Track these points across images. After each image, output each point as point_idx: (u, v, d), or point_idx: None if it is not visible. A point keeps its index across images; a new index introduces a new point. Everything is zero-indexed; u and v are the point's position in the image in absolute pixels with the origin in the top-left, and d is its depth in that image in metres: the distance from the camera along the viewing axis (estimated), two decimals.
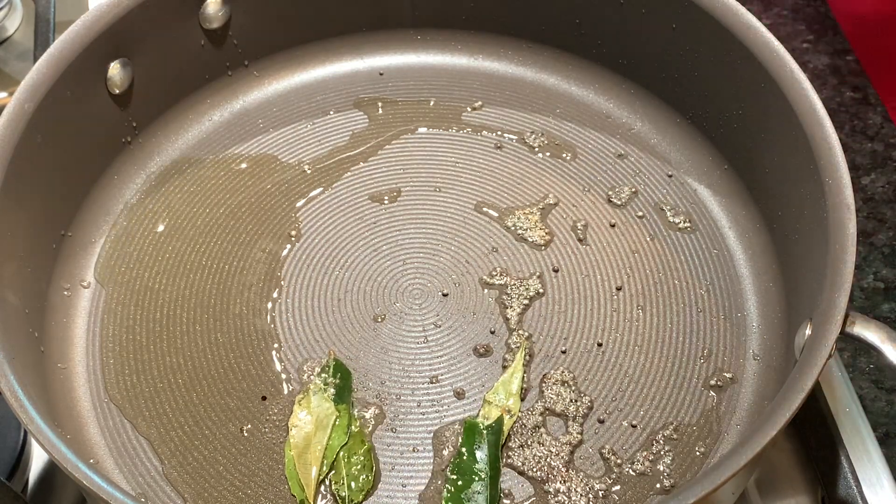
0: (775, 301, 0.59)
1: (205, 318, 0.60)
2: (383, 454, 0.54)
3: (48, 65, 0.58)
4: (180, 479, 0.54)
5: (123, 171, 0.66)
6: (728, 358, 0.57)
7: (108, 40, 0.61)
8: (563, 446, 0.54)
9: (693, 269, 0.61)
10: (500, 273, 0.61)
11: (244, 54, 0.70)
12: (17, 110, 0.56)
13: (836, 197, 0.51)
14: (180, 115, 0.69)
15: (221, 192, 0.66)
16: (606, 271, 0.61)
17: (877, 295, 0.71)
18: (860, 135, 0.80)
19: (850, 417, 0.59)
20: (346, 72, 0.73)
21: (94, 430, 0.56)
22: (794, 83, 0.56)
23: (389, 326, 0.59)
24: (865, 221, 0.75)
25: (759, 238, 0.61)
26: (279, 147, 0.68)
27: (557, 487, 0.52)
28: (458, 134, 0.68)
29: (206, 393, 0.57)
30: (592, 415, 0.55)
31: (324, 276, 0.61)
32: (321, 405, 0.55)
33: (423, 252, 0.62)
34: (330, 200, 0.65)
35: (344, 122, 0.70)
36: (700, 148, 0.66)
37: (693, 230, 0.63)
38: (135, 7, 0.62)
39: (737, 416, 0.55)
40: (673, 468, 0.53)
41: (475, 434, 0.54)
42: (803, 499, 0.58)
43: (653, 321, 0.59)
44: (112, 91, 0.63)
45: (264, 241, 0.63)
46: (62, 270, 0.61)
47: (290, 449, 0.54)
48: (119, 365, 0.58)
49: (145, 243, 0.63)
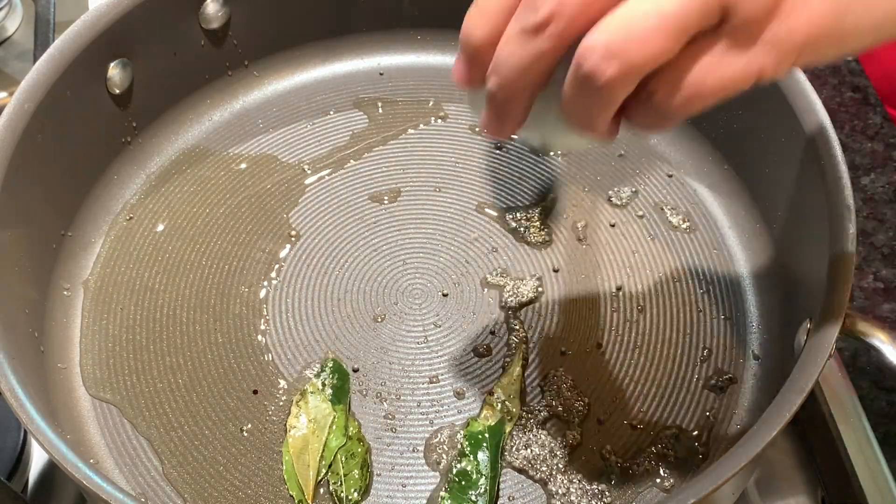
0: (775, 301, 0.58)
1: (205, 318, 0.60)
2: (383, 454, 0.54)
3: (48, 65, 0.58)
4: (180, 479, 0.54)
5: (123, 171, 0.66)
6: (728, 358, 0.57)
7: (108, 40, 0.61)
8: (563, 447, 0.54)
9: (693, 269, 0.61)
10: (500, 273, 0.61)
11: (244, 54, 0.70)
12: (17, 110, 0.56)
13: (836, 197, 0.51)
14: (180, 115, 0.69)
15: (221, 192, 0.66)
16: (606, 271, 0.61)
17: (877, 295, 0.71)
18: (860, 135, 0.80)
19: (850, 417, 0.59)
20: (346, 72, 0.73)
21: (94, 430, 0.56)
22: (794, 83, 0.56)
23: (389, 326, 0.59)
24: (865, 221, 0.75)
25: (759, 238, 0.61)
26: (279, 147, 0.68)
27: (557, 488, 0.52)
28: (458, 134, 0.68)
29: (206, 393, 0.57)
30: (592, 415, 0.55)
31: (323, 276, 0.61)
32: (319, 406, 0.55)
33: (423, 252, 0.62)
34: (330, 200, 0.65)
35: (344, 122, 0.70)
36: (700, 148, 0.66)
37: (693, 230, 0.63)
38: (135, 7, 0.62)
39: (737, 416, 0.55)
40: (673, 468, 0.53)
41: (475, 435, 0.54)
42: (803, 499, 0.58)
43: (653, 321, 0.59)
44: (112, 91, 0.63)
45: (264, 241, 0.63)
46: (62, 270, 0.61)
47: (289, 449, 0.54)
48: (119, 365, 0.58)
49: (145, 243, 0.63)
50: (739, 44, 0.34)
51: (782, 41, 0.34)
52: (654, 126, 0.37)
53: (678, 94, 0.35)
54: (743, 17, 0.33)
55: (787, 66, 0.34)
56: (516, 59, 0.36)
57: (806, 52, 0.34)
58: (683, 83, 0.34)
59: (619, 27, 0.33)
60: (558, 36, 0.35)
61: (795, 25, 0.33)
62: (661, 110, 0.35)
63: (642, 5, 0.33)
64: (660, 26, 0.33)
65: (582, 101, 0.36)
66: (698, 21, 0.33)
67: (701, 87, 0.34)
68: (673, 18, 0.33)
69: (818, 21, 0.33)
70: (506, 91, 0.37)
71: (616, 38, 0.33)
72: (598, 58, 0.34)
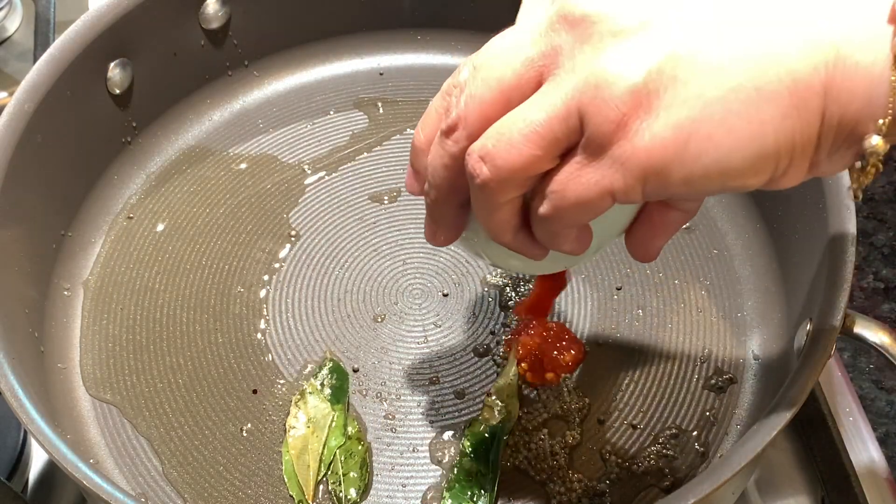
0: (775, 301, 0.58)
1: (205, 318, 0.60)
2: (383, 454, 0.54)
3: (48, 65, 0.58)
4: (180, 479, 0.54)
5: (123, 171, 0.66)
6: (728, 358, 0.57)
7: (108, 40, 0.61)
8: (563, 447, 0.54)
9: (693, 269, 0.61)
10: (500, 273, 0.61)
11: (244, 54, 0.70)
12: (17, 110, 0.56)
13: (836, 197, 0.51)
14: (180, 115, 0.69)
15: (221, 192, 0.66)
16: (606, 271, 0.61)
17: (877, 295, 0.71)
18: None
19: (850, 417, 0.59)
20: (346, 72, 0.73)
21: (94, 430, 0.56)
22: None
23: (389, 326, 0.59)
24: (865, 221, 0.75)
25: (759, 238, 0.61)
26: (279, 147, 0.68)
27: (558, 488, 0.52)
28: None
29: (206, 393, 0.57)
30: (592, 415, 0.55)
31: (323, 276, 0.61)
32: (318, 406, 0.55)
33: (423, 252, 0.62)
34: (330, 200, 0.65)
35: (344, 122, 0.70)
36: None
37: (693, 230, 0.63)
38: (135, 7, 0.62)
39: (737, 417, 0.55)
40: (673, 468, 0.53)
41: (475, 435, 0.54)
42: (803, 499, 0.58)
43: (653, 321, 0.59)
44: (112, 91, 0.63)
45: (264, 241, 0.63)
46: (62, 270, 0.61)
47: (288, 449, 0.54)
48: (119, 365, 0.58)
49: (145, 243, 0.63)
50: (592, 158, 0.35)
51: (626, 160, 0.34)
52: (550, 241, 0.39)
53: (546, 203, 0.37)
54: (592, 131, 0.35)
55: (635, 187, 0.35)
56: (436, 159, 0.39)
57: (651, 178, 0.35)
58: (548, 192, 0.37)
59: (494, 134, 0.36)
60: (466, 139, 0.38)
61: (638, 145, 0.34)
62: (541, 220, 0.38)
63: (515, 115, 0.36)
64: (526, 134, 0.36)
65: (475, 203, 0.39)
66: (564, 131, 0.35)
67: (562, 198, 0.36)
68: (538, 127, 0.35)
69: (659, 144, 0.34)
70: (433, 192, 0.40)
71: (489, 143, 0.36)
72: (473, 161, 0.37)
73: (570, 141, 0.36)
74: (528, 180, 0.37)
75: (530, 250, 0.41)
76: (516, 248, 0.41)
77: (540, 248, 0.41)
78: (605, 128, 0.34)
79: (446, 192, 0.40)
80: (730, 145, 0.34)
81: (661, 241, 0.43)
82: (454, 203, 0.41)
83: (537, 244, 0.40)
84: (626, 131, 0.34)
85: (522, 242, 0.40)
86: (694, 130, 0.34)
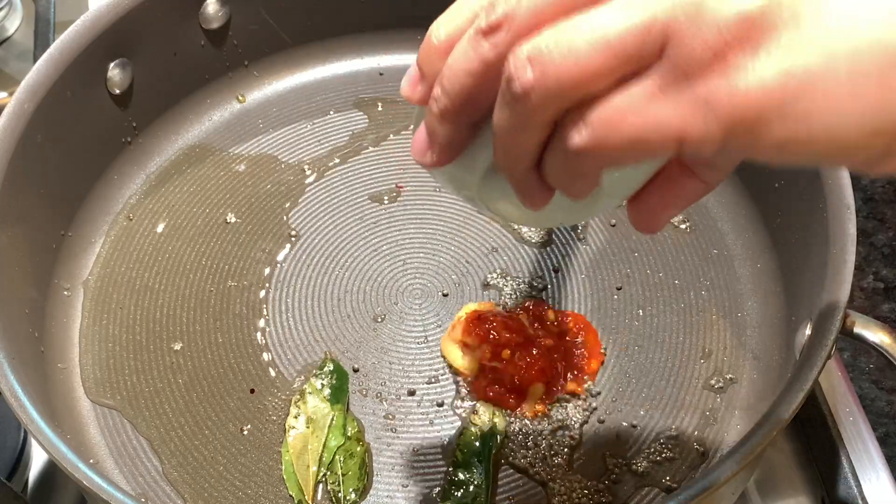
0: (775, 301, 0.58)
1: (205, 318, 0.60)
2: (383, 454, 0.54)
3: (48, 65, 0.58)
4: (180, 479, 0.54)
5: (123, 171, 0.66)
6: (728, 358, 0.57)
7: (108, 40, 0.61)
8: (563, 447, 0.54)
9: (693, 269, 0.61)
10: (500, 273, 0.61)
11: (244, 54, 0.70)
12: (17, 110, 0.56)
13: (836, 197, 0.51)
14: (180, 115, 0.69)
15: (221, 192, 0.66)
16: (606, 271, 0.61)
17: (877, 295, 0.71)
18: None
19: (850, 417, 0.59)
20: (346, 72, 0.73)
21: (94, 430, 0.56)
22: None
23: (389, 326, 0.59)
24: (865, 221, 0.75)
25: (759, 238, 0.61)
26: (279, 147, 0.68)
27: (558, 488, 0.52)
28: None
29: (206, 393, 0.57)
30: (592, 415, 0.55)
31: (324, 276, 0.61)
32: (317, 406, 0.55)
33: (423, 252, 0.62)
34: (329, 200, 0.65)
35: (344, 122, 0.70)
36: None
37: (693, 230, 0.63)
38: (135, 7, 0.62)
39: (737, 416, 0.55)
40: (673, 468, 0.53)
41: (474, 435, 0.54)
42: (803, 499, 0.58)
43: (653, 321, 0.59)
44: (112, 91, 0.63)
45: (264, 241, 0.63)
46: (62, 270, 0.61)
47: (288, 450, 0.54)
48: (119, 365, 0.58)
49: (145, 243, 0.63)
50: (668, 87, 0.29)
51: (717, 101, 0.28)
52: (565, 180, 0.33)
53: (586, 132, 0.30)
54: (680, 54, 0.28)
55: (715, 137, 0.29)
56: (461, 62, 0.33)
57: (741, 130, 0.29)
58: (593, 119, 0.30)
59: (551, 35, 0.30)
60: (508, 43, 0.31)
61: (737, 86, 0.28)
62: (568, 154, 0.31)
63: (582, 19, 0.30)
64: (593, 42, 0.29)
65: (500, 117, 0.32)
66: (638, 50, 0.29)
67: (615, 129, 0.30)
68: (610, 36, 0.29)
69: (764, 90, 0.28)
70: (444, 101, 0.34)
71: (544, 45, 0.30)
72: (518, 62, 0.30)
73: (639, 64, 0.29)
74: (573, 102, 0.30)
75: (534, 193, 0.35)
76: (521, 187, 0.35)
77: (544, 194, 0.35)
78: (698, 54, 0.28)
79: (461, 104, 0.34)
80: (849, 110, 0.28)
81: (672, 213, 0.37)
82: (464, 120, 0.35)
83: (544, 188, 0.35)
84: (724, 64, 0.28)
85: (530, 182, 0.34)
86: (810, 84, 0.28)
